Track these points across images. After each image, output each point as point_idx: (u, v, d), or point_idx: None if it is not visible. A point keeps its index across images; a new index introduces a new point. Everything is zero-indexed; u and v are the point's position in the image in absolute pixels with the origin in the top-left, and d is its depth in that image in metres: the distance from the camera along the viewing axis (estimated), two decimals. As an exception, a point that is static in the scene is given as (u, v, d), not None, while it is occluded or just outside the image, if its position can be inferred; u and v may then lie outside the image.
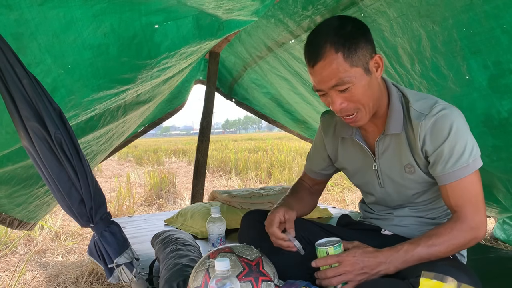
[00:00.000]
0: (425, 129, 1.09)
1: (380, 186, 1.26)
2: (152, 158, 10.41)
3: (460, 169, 1.07)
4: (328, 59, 1.04)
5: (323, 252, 1.08)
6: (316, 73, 1.07)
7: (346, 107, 1.09)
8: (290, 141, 14.26)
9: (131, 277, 1.33)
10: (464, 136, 1.07)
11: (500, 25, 1.30)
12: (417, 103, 1.13)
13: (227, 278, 0.87)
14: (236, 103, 3.70)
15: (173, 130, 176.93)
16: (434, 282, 0.84)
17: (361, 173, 1.30)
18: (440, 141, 1.08)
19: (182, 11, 1.47)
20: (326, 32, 1.06)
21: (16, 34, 1.15)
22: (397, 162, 1.19)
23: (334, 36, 1.04)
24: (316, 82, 1.09)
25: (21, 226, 2.25)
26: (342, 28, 1.05)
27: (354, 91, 1.06)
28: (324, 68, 1.05)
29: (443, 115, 1.08)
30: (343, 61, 1.03)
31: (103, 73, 1.46)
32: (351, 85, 1.05)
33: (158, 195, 5.21)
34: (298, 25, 2.11)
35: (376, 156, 1.23)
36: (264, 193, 2.64)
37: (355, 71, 1.05)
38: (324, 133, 1.38)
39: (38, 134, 1.15)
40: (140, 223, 2.74)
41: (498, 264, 1.66)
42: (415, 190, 1.21)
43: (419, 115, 1.11)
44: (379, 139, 1.20)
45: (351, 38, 1.04)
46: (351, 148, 1.31)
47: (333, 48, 1.03)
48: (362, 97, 1.08)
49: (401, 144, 1.17)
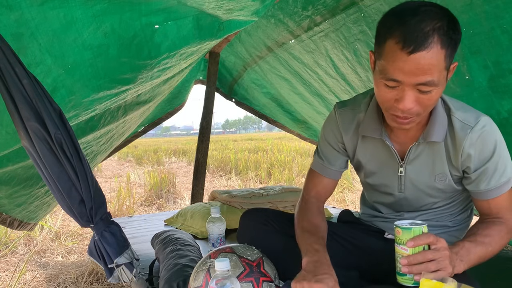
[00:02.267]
0: (471, 144, 1.05)
1: (399, 192, 1.21)
2: (152, 158, 10.41)
3: (504, 185, 1.08)
4: (432, 51, 0.88)
5: (419, 231, 0.92)
6: (411, 62, 0.89)
7: (414, 110, 0.96)
8: (290, 141, 14.26)
9: (131, 277, 1.33)
10: (505, 151, 1.08)
11: (500, 25, 1.30)
12: (459, 112, 1.07)
13: (227, 279, 0.88)
14: (236, 103, 3.70)
15: (173, 130, 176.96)
16: (434, 283, 0.84)
17: (381, 175, 1.23)
18: (486, 159, 1.06)
19: (182, 11, 1.47)
20: (435, 21, 0.89)
21: (16, 34, 1.15)
22: (429, 170, 1.14)
23: (446, 28, 0.90)
24: (404, 72, 0.91)
25: (21, 227, 2.25)
26: (453, 23, 0.92)
27: (434, 96, 0.95)
28: (424, 59, 0.89)
29: (489, 131, 1.05)
30: (443, 60, 0.91)
31: (103, 73, 1.46)
32: (435, 88, 0.93)
33: (158, 195, 5.21)
34: (298, 25, 2.11)
35: (404, 161, 1.15)
36: (264, 193, 2.64)
37: (444, 75, 0.94)
38: (343, 127, 1.24)
39: (38, 134, 1.15)
40: (140, 223, 2.74)
41: (498, 264, 1.66)
42: (438, 199, 1.19)
43: (463, 126, 1.05)
44: (414, 145, 1.12)
45: (457, 37, 0.92)
46: (373, 148, 1.21)
47: (440, 42, 0.89)
48: (434, 103, 0.97)
49: (437, 153, 1.11)
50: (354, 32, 1.87)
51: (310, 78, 2.58)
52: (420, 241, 0.91)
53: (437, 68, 0.90)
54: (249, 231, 1.36)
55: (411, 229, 0.93)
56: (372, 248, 1.25)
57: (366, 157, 1.24)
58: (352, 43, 1.93)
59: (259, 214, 1.38)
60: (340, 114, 1.25)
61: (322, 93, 2.66)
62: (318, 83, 2.55)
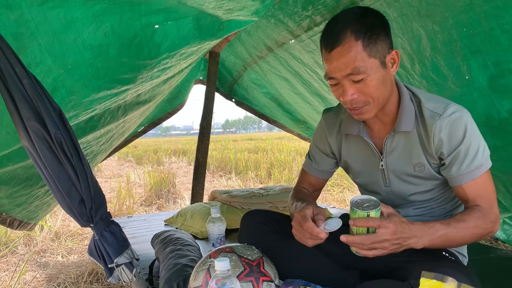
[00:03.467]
0: (440, 130, 1.09)
1: (385, 186, 1.25)
2: (152, 158, 10.41)
3: (475, 169, 1.09)
4: (347, 45, 1.02)
5: (363, 215, 0.99)
6: (333, 59, 1.04)
7: (357, 99, 1.07)
8: (290, 141, 14.26)
9: (131, 277, 1.33)
10: (477, 137, 1.10)
11: (500, 25, 1.30)
12: (429, 103, 1.13)
13: (227, 278, 0.88)
14: (236, 103, 3.70)
15: (173, 130, 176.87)
16: (434, 282, 0.84)
17: (366, 172, 1.28)
18: (456, 144, 1.09)
19: (182, 11, 1.47)
20: (347, 19, 1.04)
21: (17, 34, 1.15)
22: (407, 160, 1.18)
23: (356, 23, 1.02)
24: (331, 69, 1.06)
25: (21, 226, 2.25)
26: (365, 17, 1.04)
27: (368, 83, 1.04)
28: (341, 54, 1.02)
29: (458, 117, 1.08)
30: (362, 49, 1.02)
31: (103, 73, 1.46)
32: (366, 76, 1.03)
33: (158, 195, 5.21)
34: (298, 25, 2.11)
35: (383, 155, 1.21)
36: (264, 193, 2.64)
37: (372, 62, 1.03)
38: (328, 131, 1.35)
39: (38, 134, 1.15)
40: (140, 223, 2.74)
41: (498, 264, 1.66)
42: (422, 189, 1.21)
43: (432, 114, 1.11)
44: (388, 137, 1.19)
45: (373, 28, 1.03)
46: (356, 146, 1.29)
47: (354, 36, 1.02)
48: (374, 90, 1.06)
49: (412, 143, 1.16)
50: (354, 32, 1.87)
51: (310, 78, 2.58)
52: (359, 223, 0.98)
53: (357, 57, 1.02)
54: (250, 232, 1.36)
55: (356, 212, 1.00)
56: None
57: (351, 156, 1.31)
58: (352, 43, 1.93)
59: (259, 215, 1.39)
60: (325, 118, 1.37)
61: (322, 93, 2.66)
62: (318, 83, 2.55)
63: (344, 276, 1.18)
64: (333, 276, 1.18)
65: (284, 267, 1.17)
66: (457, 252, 1.22)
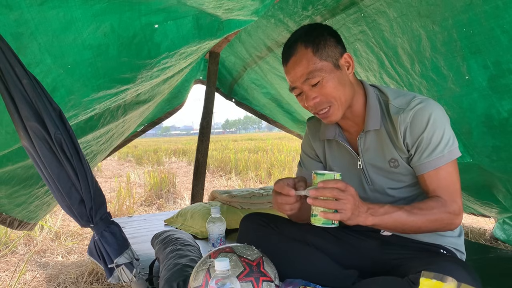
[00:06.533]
0: (405, 123, 1.14)
1: (368, 184, 1.27)
2: (152, 158, 10.41)
3: (436, 159, 1.11)
4: (298, 54, 1.14)
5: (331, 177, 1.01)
6: (290, 69, 1.17)
7: (319, 102, 1.15)
8: (290, 141, 14.26)
9: (131, 277, 1.33)
10: (441, 127, 1.11)
11: (500, 25, 1.30)
12: (396, 100, 1.18)
13: (227, 278, 0.87)
14: (236, 103, 3.70)
15: (173, 130, 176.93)
16: (434, 282, 0.84)
17: (349, 174, 1.29)
18: (418, 133, 1.12)
19: (182, 11, 1.47)
20: (298, 35, 1.17)
21: (16, 34, 1.15)
22: (381, 157, 1.22)
23: (305, 36, 1.15)
24: (291, 79, 1.17)
25: (21, 226, 2.25)
26: (312, 30, 1.17)
27: (325, 84, 1.13)
28: (296, 63, 1.15)
29: (420, 108, 1.12)
30: (312, 55, 1.13)
31: (103, 73, 1.45)
32: (321, 78, 1.13)
33: (158, 195, 5.21)
34: (298, 25, 2.11)
35: (360, 154, 1.25)
36: (264, 193, 2.64)
37: (325, 65, 1.13)
38: (312, 137, 1.41)
39: (38, 134, 1.15)
40: (140, 223, 2.74)
41: (498, 264, 1.66)
42: (403, 183, 1.22)
43: (397, 110, 1.16)
44: (360, 137, 1.24)
45: (320, 36, 1.15)
46: (336, 150, 1.33)
47: (303, 45, 1.14)
48: (333, 90, 1.14)
49: (382, 140, 1.21)
50: (354, 32, 1.87)
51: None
52: (329, 183, 0.99)
53: (310, 62, 1.13)
54: (249, 234, 1.37)
55: (324, 174, 1.02)
56: (370, 247, 1.26)
57: (335, 161, 1.35)
58: (352, 43, 1.93)
59: (258, 217, 1.40)
60: (309, 126, 1.44)
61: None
62: (318, 83, 2.55)
63: (343, 275, 1.19)
64: (332, 275, 1.18)
65: (284, 267, 1.17)
66: (454, 249, 1.23)
